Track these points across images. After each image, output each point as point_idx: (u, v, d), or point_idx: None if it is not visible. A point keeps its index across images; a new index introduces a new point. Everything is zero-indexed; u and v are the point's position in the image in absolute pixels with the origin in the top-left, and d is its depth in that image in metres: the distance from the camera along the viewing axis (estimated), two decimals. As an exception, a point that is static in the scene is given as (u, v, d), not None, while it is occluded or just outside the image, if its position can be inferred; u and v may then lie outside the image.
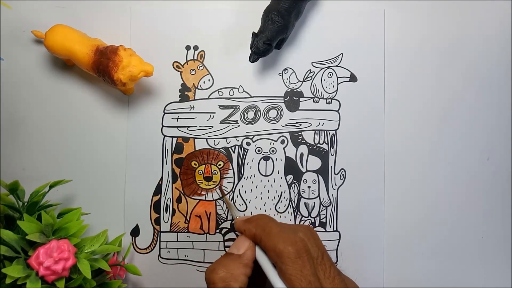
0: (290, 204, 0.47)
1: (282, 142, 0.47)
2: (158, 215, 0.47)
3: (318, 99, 0.48)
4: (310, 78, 0.48)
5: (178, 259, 0.47)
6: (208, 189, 0.47)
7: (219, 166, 0.47)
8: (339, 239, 0.47)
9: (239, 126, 0.47)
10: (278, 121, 0.47)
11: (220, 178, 0.47)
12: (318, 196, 0.47)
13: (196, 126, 0.47)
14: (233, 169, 0.47)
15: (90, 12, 0.47)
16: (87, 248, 0.41)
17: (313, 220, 0.47)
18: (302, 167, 0.47)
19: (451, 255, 0.47)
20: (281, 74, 0.48)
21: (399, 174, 0.47)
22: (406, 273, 0.47)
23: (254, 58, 0.44)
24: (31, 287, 0.35)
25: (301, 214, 0.47)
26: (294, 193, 0.47)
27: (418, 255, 0.47)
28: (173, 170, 0.47)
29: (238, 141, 0.47)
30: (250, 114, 0.47)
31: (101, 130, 0.47)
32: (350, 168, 0.47)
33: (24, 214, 0.38)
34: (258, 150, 0.47)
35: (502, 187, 0.48)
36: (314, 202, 0.47)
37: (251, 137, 0.47)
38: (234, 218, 0.43)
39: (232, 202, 0.47)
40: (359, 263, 0.47)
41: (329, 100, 0.48)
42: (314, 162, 0.47)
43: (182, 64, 0.48)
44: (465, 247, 0.47)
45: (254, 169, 0.47)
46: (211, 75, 0.48)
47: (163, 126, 0.47)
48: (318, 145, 0.47)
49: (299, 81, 0.48)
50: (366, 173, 0.47)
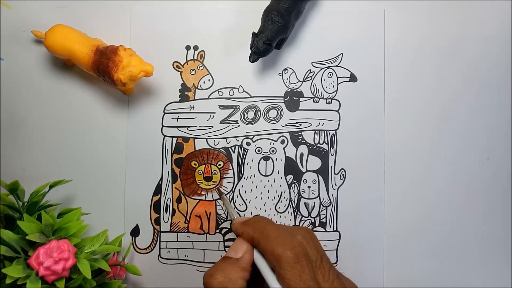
0: (290, 204, 0.47)
1: (282, 142, 0.47)
2: (158, 215, 0.47)
3: (318, 99, 0.48)
4: (310, 78, 0.48)
5: (178, 259, 0.47)
6: (208, 189, 0.47)
7: (219, 166, 0.47)
8: (339, 239, 0.47)
9: (239, 126, 0.47)
10: (278, 121, 0.47)
11: (220, 178, 0.47)
12: (318, 196, 0.47)
13: (196, 126, 0.47)
14: (233, 169, 0.47)
15: (90, 12, 0.47)
16: (87, 248, 0.41)
17: (313, 220, 0.47)
18: (302, 167, 0.47)
19: (451, 255, 0.47)
20: (281, 74, 0.48)
21: (399, 174, 0.47)
22: (406, 273, 0.47)
23: (254, 58, 0.44)
24: (31, 287, 0.35)
25: (301, 214, 0.47)
26: (294, 193, 0.47)
27: (418, 255, 0.47)
28: (173, 170, 0.47)
29: (238, 141, 0.47)
30: (250, 114, 0.47)
31: (101, 130, 0.47)
32: (350, 168, 0.47)
33: (24, 214, 0.38)
34: (258, 150, 0.47)
35: (502, 187, 0.48)
36: (314, 202, 0.47)
37: (251, 137, 0.47)
38: (232, 218, 0.43)
39: (230, 203, 0.46)
40: (359, 263, 0.47)
41: (329, 100, 0.48)
42: (314, 162, 0.47)
43: (182, 64, 0.48)
44: (465, 247, 0.47)
45: (254, 169, 0.47)
46: (211, 75, 0.48)
47: (163, 126, 0.47)
48: (318, 145, 0.47)
49: (299, 81, 0.48)
50: (366, 173, 0.47)
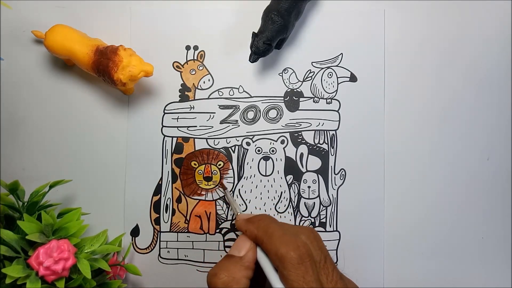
0: (290, 204, 0.47)
1: (282, 142, 0.47)
2: (158, 215, 0.47)
3: (318, 99, 0.48)
4: (310, 78, 0.48)
5: (178, 259, 0.47)
6: (208, 189, 0.47)
7: (219, 166, 0.47)
8: (339, 239, 0.47)
9: (239, 126, 0.47)
10: (278, 121, 0.47)
11: (220, 178, 0.47)
12: (318, 196, 0.47)
13: (196, 126, 0.47)
14: (233, 169, 0.47)
15: (90, 12, 0.47)
16: (87, 248, 0.41)
17: (313, 220, 0.47)
18: (302, 167, 0.47)
19: (451, 255, 0.47)
20: (281, 74, 0.48)
21: (399, 174, 0.47)
22: (406, 273, 0.47)
23: (254, 58, 0.44)
24: (31, 287, 0.35)
25: (301, 214, 0.47)
26: (294, 193, 0.47)
27: (418, 255, 0.47)
28: (173, 170, 0.47)
29: (238, 141, 0.47)
30: (250, 114, 0.47)
31: (101, 130, 0.47)
32: (350, 168, 0.47)
33: (24, 214, 0.38)
34: (258, 150, 0.47)
35: (502, 187, 0.48)
36: (314, 202, 0.47)
37: (251, 137, 0.47)
38: (236, 214, 0.42)
39: (233, 198, 0.46)
40: (359, 263, 0.47)
41: (329, 100, 0.48)
42: (314, 162, 0.47)
43: (182, 64, 0.48)
44: (465, 247, 0.47)
45: (254, 169, 0.47)
46: (211, 75, 0.48)
47: (163, 126, 0.47)
48: (318, 145, 0.47)
49: (299, 81, 0.48)
50: (366, 173, 0.47)
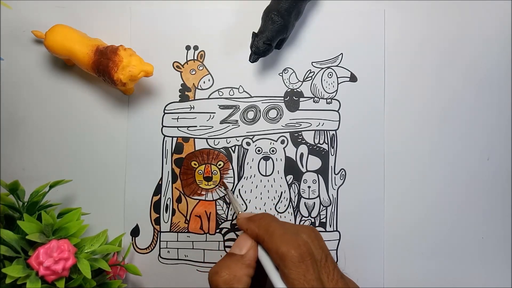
0: (290, 204, 0.47)
1: (282, 142, 0.47)
2: (158, 215, 0.47)
3: (318, 99, 0.48)
4: (310, 78, 0.48)
5: (178, 259, 0.47)
6: (208, 189, 0.47)
7: (219, 166, 0.47)
8: (339, 239, 0.47)
9: (239, 126, 0.47)
10: (278, 121, 0.47)
11: (220, 178, 0.47)
12: (318, 196, 0.47)
13: (196, 126, 0.47)
14: (233, 169, 0.47)
15: (90, 12, 0.47)
16: (87, 248, 0.41)
17: (313, 220, 0.47)
18: (302, 167, 0.47)
19: (451, 255, 0.47)
20: (281, 74, 0.48)
21: (399, 174, 0.47)
22: (406, 273, 0.47)
23: (254, 58, 0.44)
24: (31, 287, 0.35)
25: (301, 214, 0.47)
26: (294, 193, 0.47)
27: (418, 255, 0.47)
28: (173, 170, 0.47)
29: (238, 141, 0.47)
30: (250, 114, 0.47)
31: (101, 130, 0.47)
32: (350, 168, 0.47)
33: (24, 214, 0.38)
34: (258, 150, 0.47)
35: (502, 187, 0.48)
36: (314, 202, 0.47)
37: (251, 137, 0.47)
38: (237, 213, 0.42)
39: (234, 197, 0.46)
40: (359, 263, 0.47)
41: (329, 100, 0.48)
42: (314, 162, 0.47)
43: (182, 64, 0.48)
44: (465, 247, 0.47)
45: (254, 169, 0.47)
46: (211, 75, 0.48)
47: (163, 126, 0.47)
48: (318, 145, 0.47)
49: (299, 81, 0.48)
50: (366, 173, 0.47)
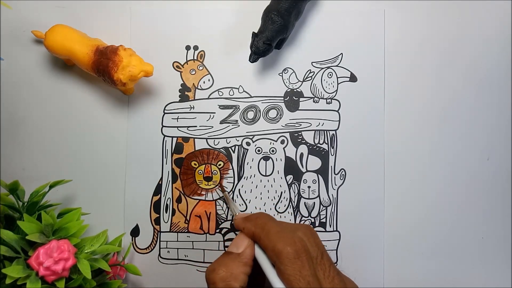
0: (290, 204, 0.47)
1: (282, 142, 0.47)
2: (158, 215, 0.47)
3: (318, 99, 0.48)
4: (310, 78, 0.48)
5: (178, 259, 0.47)
6: (208, 189, 0.47)
7: (219, 166, 0.47)
8: (339, 239, 0.47)
9: (239, 126, 0.47)
10: (278, 121, 0.47)
11: (220, 178, 0.47)
12: (318, 196, 0.47)
13: (196, 126, 0.47)
14: (233, 169, 0.47)
15: (90, 12, 0.47)
16: (87, 248, 0.41)
17: (313, 220, 0.47)
18: (302, 167, 0.47)
19: (451, 255, 0.47)
20: (281, 74, 0.48)
21: (399, 174, 0.47)
22: (406, 273, 0.47)
23: (254, 58, 0.44)
24: (31, 287, 0.35)
25: (301, 214, 0.47)
26: (294, 193, 0.47)
27: (418, 255, 0.47)
28: (173, 170, 0.47)
29: (238, 141, 0.47)
30: (250, 114, 0.47)
31: (101, 130, 0.47)
32: (350, 168, 0.47)
33: (24, 214, 0.38)
34: (258, 150, 0.47)
35: (502, 187, 0.48)
36: (314, 202, 0.47)
37: (251, 137, 0.47)
38: (234, 214, 0.43)
39: (231, 199, 0.46)
40: (359, 263, 0.47)
41: (329, 100, 0.48)
42: (314, 162, 0.47)
43: (182, 64, 0.48)
44: (465, 247, 0.47)
45: (254, 169, 0.47)
46: (211, 75, 0.48)
47: (163, 126, 0.47)
48: (318, 145, 0.47)
49: (299, 81, 0.48)
50: (366, 173, 0.47)
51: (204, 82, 0.48)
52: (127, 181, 0.47)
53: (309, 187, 0.47)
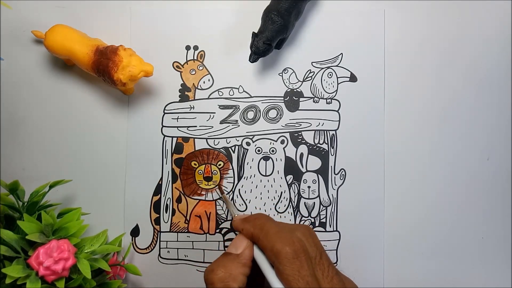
0: (290, 204, 0.47)
1: (282, 142, 0.47)
2: (158, 215, 0.47)
3: (318, 99, 0.48)
4: (310, 78, 0.48)
5: (178, 259, 0.47)
6: (208, 189, 0.47)
7: (219, 166, 0.47)
8: (339, 239, 0.47)
9: (239, 126, 0.47)
10: (278, 121, 0.47)
11: (220, 178, 0.47)
12: (318, 196, 0.47)
13: (196, 126, 0.47)
14: (233, 169, 0.47)
15: (90, 12, 0.47)
16: (87, 248, 0.41)
17: (313, 220, 0.47)
18: (302, 167, 0.47)
19: (451, 255, 0.47)
20: (281, 74, 0.48)
21: (399, 174, 0.47)
22: (406, 273, 0.47)
23: (254, 58, 0.44)
24: (31, 287, 0.35)
25: (301, 214, 0.47)
26: (294, 193, 0.47)
27: (418, 255, 0.47)
28: (173, 170, 0.47)
29: (238, 141, 0.47)
30: (250, 114, 0.47)
31: (101, 130, 0.47)
32: (350, 168, 0.47)
33: (24, 214, 0.38)
34: (258, 150, 0.47)
35: (502, 187, 0.48)
36: (314, 202, 0.47)
37: (251, 137, 0.47)
38: (233, 216, 0.43)
39: (231, 201, 0.47)
40: (359, 263, 0.47)
41: (329, 100, 0.48)
42: (314, 162, 0.47)
43: (182, 64, 0.48)
44: (465, 247, 0.47)
45: (254, 169, 0.47)
46: (211, 75, 0.48)
47: (163, 126, 0.47)
48: (318, 145, 0.47)
49: (299, 81, 0.48)
50: (366, 173, 0.47)
51: (204, 82, 0.48)
52: (127, 181, 0.47)
53: (309, 187, 0.47)
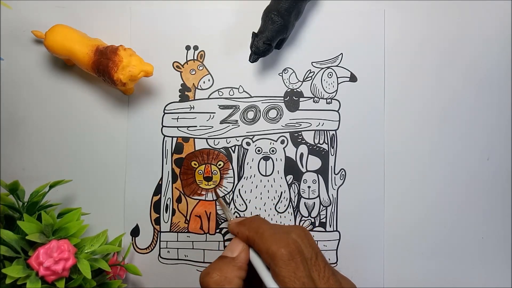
0: (290, 204, 0.47)
1: (282, 142, 0.47)
2: (158, 215, 0.47)
3: (318, 99, 0.48)
4: (310, 78, 0.48)
5: (178, 259, 0.47)
6: (208, 189, 0.47)
7: (219, 166, 0.47)
8: (339, 239, 0.47)
9: (239, 126, 0.47)
10: (278, 121, 0.47)
11: (220, 178, 0.47)
12: (318, 196, 0.47)
13: (196, 126, 0.47)
14: (233, 169, 0.47)
15: (90, 12, 0.47)
16: (87, 248, 0.41)
17: (313, 220, 0.47)
18: (302, 167, 0.47)
19: (451, 255, 0.47)
20: (281, 74, 0.48)
21: (399, 174, 0.47)
22: (406, 273, 0.47)
23: (254, 58, 0.44)
24: (31, 287, 0.35)
25: (301, 214, 0.47)
26: (294, 193, 0.47)
27: (418, 255, 0.47)
28: (173, 170, 0.47)
29: (238, 141, 0.47)
30: (250, 114, 0.47)
31: (101, 130, 0.47)
32: (350, 168, 0.47)
33: (24, 214, 0.38)
34: (258, 150, 0.47)
35: (502, 187, 0.48)
36: (314, 202, 0.47)
37: (251, 137, 0.47)
38: (228, 220, 0.43)
39: (226, 205, 0.46)
40: (359, 263, 0.47)
41: (329, 100, 0.48)
42: (314, 162, 0.47)
43: (182, 64, 0.48)
44: (465, 247, 0.47)
45: (254, 169, 0.47)
46: (211, 75, 0.48)
47: (163, 126, 0.47)
48: (318, 145, 0.47)
49: (299, 81, 0.48)
50: (366, 173, 0.47)
51: (204, 82, 0.48)
52: (127, 181, 0.47)
53: (309, 187, 0.47)
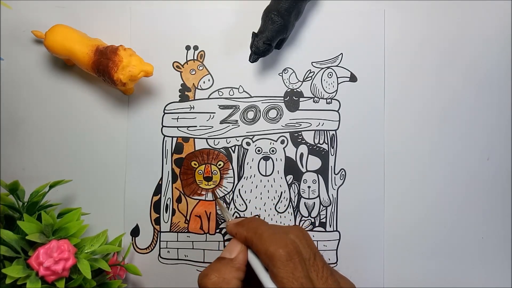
0: (290, 204, 0.47)
1: (282, 142, 0.47)
2: (158, 215, 0.47)
3: (318, 99, 0.48)
4: (310, 78, 0.48)
5: (178, 259, 0.47)
6: (208, 189, 0.47)
7: (219, 166, 0.47)
8: (339, 239, 0.47)
9: (239, 126, 0.47)
10: (278, 121, 0.47)
11: (220, 178, 0.47)
12: (318, 196, 0.47)
13: (196, 126, 0.47)
14: (233, 169, 0.47)
15: (90, 12, 0.47)
16: (87, 248, 0.41)
17: (313, 220, 0.47)
18: (302, 167, 0.47)
19: (451, 255, 0.47)
20: (281, 74, 0.48)
21: (399, 174, 0.47)
22: (406, 273, 0.47)
23: (254, 58, 0.44)
24: (31, 287, 0.35)
25: (301, 214, 0.47)
26: (294, 193, 0.47)
27: (418, 255, 0.47)
28: (173, 170, 0.47)
29: (238, 141, 0.47)
30: (250, 114, 0.47)
31: (101, 130, 0.47)
32: (350, 168, 0.47)
33: (24, 214, 0.38)
34: (258, 150, 0.47)
35: (502, 187, 0.48)
36: (314, 202, 0.47)
37: (251, 137, 0.47)
38: (227, 220, 0.43)
39: (224, 205, 0.46)
40: (359, 263, 0.47)
41: (329, 100, 0.48)
42: (314, 162, 0.47)
43: (182, 64, 0.48)
44: (465, 247, 0.47)
45: (254, 169, 0.47)
46: (211, 75, 0.48)
47: (163, 126, 0.47)
48: (318, 145, 0.47)
49: (299, 81, 0.48)
50: (366, 173, 0.47)
51: (204, 82, 0.48)
52: (127, 181, 0.47)
53: (309, 187, 0.47)
